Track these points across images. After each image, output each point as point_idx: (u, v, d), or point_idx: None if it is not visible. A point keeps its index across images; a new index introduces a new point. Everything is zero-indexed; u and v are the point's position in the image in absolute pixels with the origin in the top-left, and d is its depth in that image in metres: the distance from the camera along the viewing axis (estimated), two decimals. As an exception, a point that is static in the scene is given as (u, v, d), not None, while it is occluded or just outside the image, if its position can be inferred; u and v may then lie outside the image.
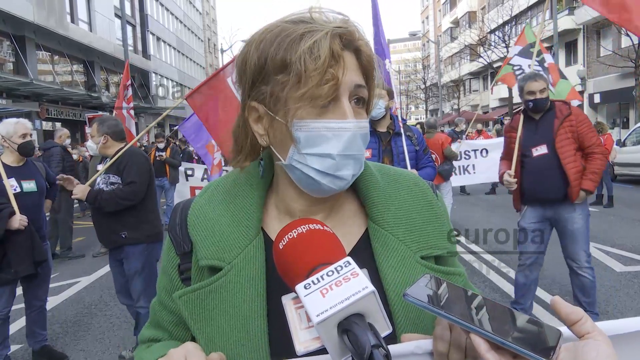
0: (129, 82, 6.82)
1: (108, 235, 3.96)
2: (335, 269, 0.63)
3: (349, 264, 0.63)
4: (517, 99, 26.00)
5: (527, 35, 6.44)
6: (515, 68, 6.30)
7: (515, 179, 4.05)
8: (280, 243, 0.70)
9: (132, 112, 6.64)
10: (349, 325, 0.58)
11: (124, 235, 3.85)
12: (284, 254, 0.69)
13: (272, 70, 0.78)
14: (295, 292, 0.64)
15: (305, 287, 0.62)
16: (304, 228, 0.69)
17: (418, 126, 10.30)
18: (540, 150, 4.00)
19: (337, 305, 0.58)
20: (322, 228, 0.70)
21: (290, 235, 0.69)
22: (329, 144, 0.77)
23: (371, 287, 0.59)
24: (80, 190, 3.78)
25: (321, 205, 0.89)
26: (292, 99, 0.76)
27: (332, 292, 0.60)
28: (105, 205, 3.75)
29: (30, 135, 4.08)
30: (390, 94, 4.19)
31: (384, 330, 0.61)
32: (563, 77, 6.24)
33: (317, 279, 0.62)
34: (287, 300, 0.80)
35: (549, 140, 3.96)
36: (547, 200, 4.04)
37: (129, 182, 3.83)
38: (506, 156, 4.31)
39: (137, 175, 3.85)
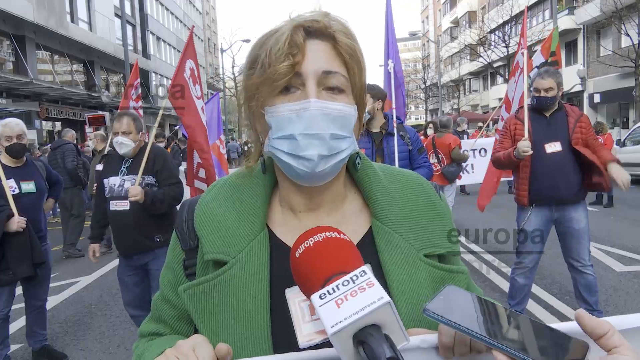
0: (138, 81, 6.83)
1: (141, 241, 3.68)
2: (351, 278, 0.61)
3: (365, 273, 0.62)
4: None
5: (553, 41, 6.32)
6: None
7: (530, 146, 3.80)
8: (296, 252, 0.69)
9: (140, 111, 6.65)
10: (365, 337, 0.57)
11: (158, 239, 3.68)
12: (301, 263, 0.68)
13: (247, 67, 0.86)
14: (311, 302, 0.63)
15: (320, 297, 0.61)
16: (320, 236, 0.68)
17: (431, 125, 10.22)
18: (554, 147, 3.89)
19: (352, 316, 0.57)
20: (338, 236, 0.69)
21: (307, 243, 0.68)
22: (292, 125, 0.79)
23: (387, 298, 0.58)
24: (139, 192, 3.48)
25: (319, 199, 0.90)
26: (258, 86, 0.82)
27: (347, 303, 0.58)
28: (160, 206, 3.58)
29: (19, 137, 3.94)
30: (379, 96, 4.15)
31: (401, 341, 0.60)
32: None
33: (333, 288, 0.61)
34: (290, 293, 0.80)
35: (563, 137, 3.89)
36: (559, 200, 3.93)
37: (175, 182, 3.75)
38: (502, 149, 4.09)
39: (177, 174, 3.80)
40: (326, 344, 0.69)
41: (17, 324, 4.90)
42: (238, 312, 0.83)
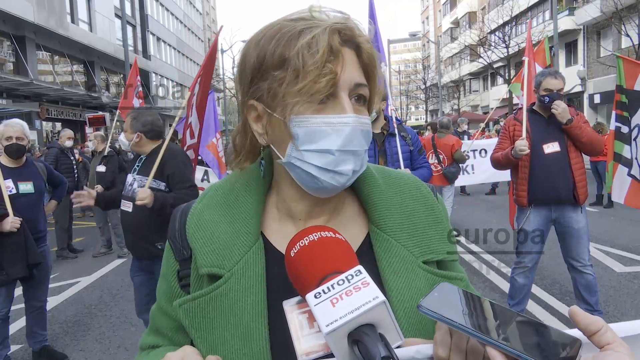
0: (138, 78, 6.83)
1: (143, 245, 3.58)
2: (346, 277, 0.61)
3: (360, 272, 0.62)
4: (517, 99, 25.95)
5: (546, 51, 6.33)
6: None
7: (527, 145, 3.83)
8: (292, 251, 0.69)
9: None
10: (359, 336, 0.57)
11: (160, 247, 3.49)
12: (296, 262, 0.68)
13: (270, 67, 0.77)
14: (306, 301, 0.63)
15: (315, 296, 0.61)
16: (315, 236, 0.68)
17: (429, 127, 10.30)
18: (553, 147, 3.90)
19: (347, 315, 0.57)
20: (334, 236, 0.69)
21: (302, 243, 0.68)
22: (328, 139, 0.76)
23: (382, 297, 0.58)
24: (147, 195, 3.29)
25: (323, 207, 0.88)
26: (289, 94, 0.75)
27: (342, 302, 0.58)
28: (171, 212, 3.36)
29: (19, 138, 3.95)
30: (383, 96, 4.17)
31: (396, 340, 0.60)
32: None
33: (328, 287, 0.61)
34: (288, 306, 0.78)
35: (561, 138, 3.90)
36: (558, 200, 3.93)
37: (189, 187, 3.51)
38: (501, 149, 4.13)
39: (190, 177, 3.55)
40: (326, 357, 0.69)
41: (17, 325, 4.89)
42: (235, 327, 0.80)
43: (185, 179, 3.56)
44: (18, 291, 4.07)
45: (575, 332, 0.61)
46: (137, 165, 3.68)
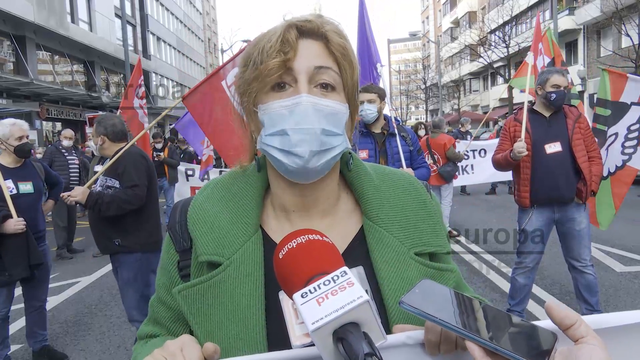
0: (141, 79, 6.83)
1: (102, 241, 3.77)
2: (332, 278, 0.64)
3: (345, 273, 0.64)
4: (517, 99, 25.94)
5: (550, 44, 6.31)
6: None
7: (526, 147, 3.85)
8: (280, 253, 0.71)
9: (145, 109, 6.65)
10: (344, 334, 0.59)
11: (117, 243, 3.65)
12: (283, 264, 0.70)
13: (240, 66, 0.88)
14: (293, 301, 0.65)
15: (302, 296, 0.63)
16: (303, 238, 0.70)
17: (422, 126, 10.40)
18: (554, 147, 3.89)
19: (332, 313, 0.59)
20: (320, 238, 0.71)
21: (290, 245, 0.70)
22: (284, 120, 0.80)
23: (366, 297, 0.60)
24: (79, 193, 3.53)
25: (312, 197, 0.91)
26: (251, 83, 0.84)
27: (327, 301, 0.61)
28: (107, 210, 3.52)
29: (27, 136, 4.05)
30: (383, 96, 4.17)
31: (379, 339, 0.62)
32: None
33: (314, 288, 0.63)
34: (284, 295, 0.82)
35: (563, 138, 3.89)
36: (561, 200, 3.93)
37: (131, 186, 3.62)
38: (502, 151, 4.12)
39: (137, 178, 3.65)
40: None
41: (18, 324, 4.90)
42: (233, 313, 0.83)
43: (129, 179, 3.63)
44: (18, 291, 4.07)
45: (552, 326, 0.63)
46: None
